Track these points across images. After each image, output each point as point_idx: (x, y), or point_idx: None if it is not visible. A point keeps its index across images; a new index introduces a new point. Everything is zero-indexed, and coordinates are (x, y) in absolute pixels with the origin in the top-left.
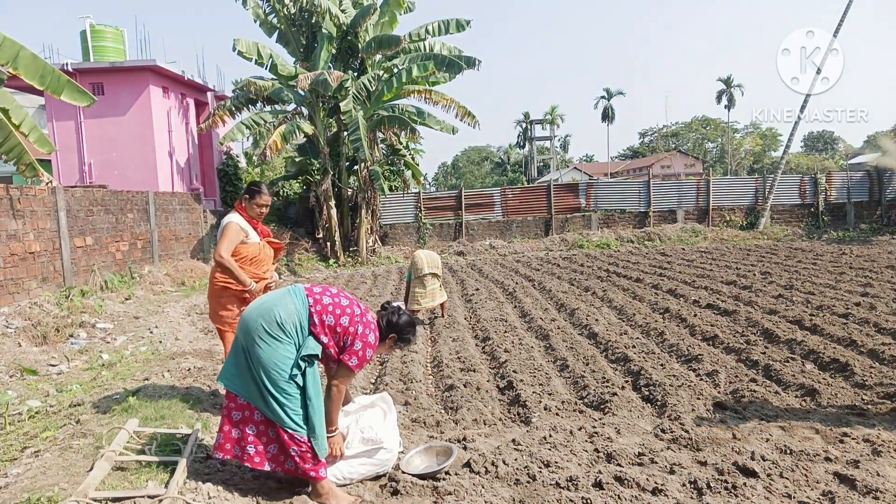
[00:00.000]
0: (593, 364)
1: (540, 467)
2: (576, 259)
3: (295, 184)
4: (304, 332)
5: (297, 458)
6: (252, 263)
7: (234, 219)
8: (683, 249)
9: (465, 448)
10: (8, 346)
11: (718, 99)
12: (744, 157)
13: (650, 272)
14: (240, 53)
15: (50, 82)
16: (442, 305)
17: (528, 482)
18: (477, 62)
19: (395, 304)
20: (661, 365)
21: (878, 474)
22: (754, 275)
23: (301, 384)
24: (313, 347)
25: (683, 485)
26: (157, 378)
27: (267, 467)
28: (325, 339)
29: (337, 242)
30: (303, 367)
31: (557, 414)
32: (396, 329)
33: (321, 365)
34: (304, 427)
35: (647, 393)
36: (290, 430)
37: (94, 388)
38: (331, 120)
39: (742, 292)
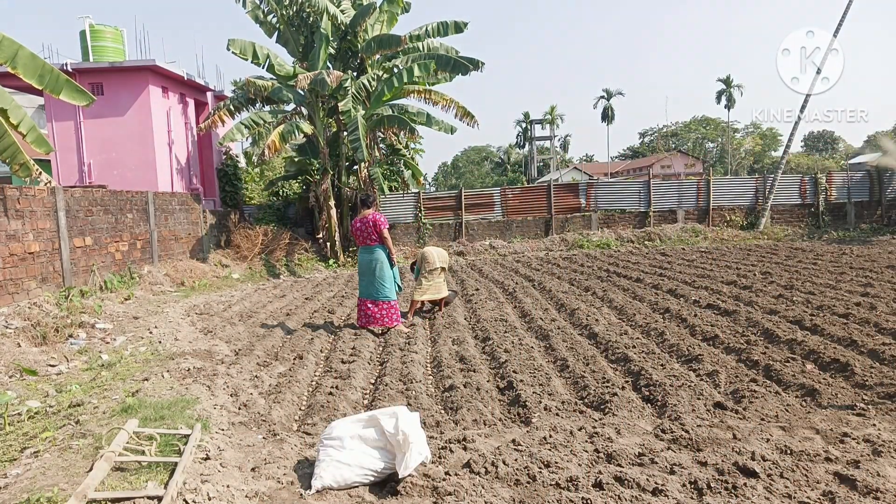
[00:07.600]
0: (593, 364)
1: (540, 467)
2: (576, 259)
3: (294, 184)
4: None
5: (385, 319)
6: None
7: None
8: (683, 249)
9: (465, 448)
10: (7, 346)
11: (718, 99)
12: (744, 157)
13: (650, 272)
14: (234, 54)
15: (49, 81)
16: (441, 300)
17: (529, 482)
18: (481, 64)
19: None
20: (662, 365)
21: (879, 474)
22: (754, 275)
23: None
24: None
25: (683, 485)
26: (156, 378)
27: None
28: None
29: (337, 242)
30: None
31: (557, 414)
32: (369, 201)
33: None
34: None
35: (647, 393)
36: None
37: (93, 388)
38: (330, 120)
39: (742, 292)
